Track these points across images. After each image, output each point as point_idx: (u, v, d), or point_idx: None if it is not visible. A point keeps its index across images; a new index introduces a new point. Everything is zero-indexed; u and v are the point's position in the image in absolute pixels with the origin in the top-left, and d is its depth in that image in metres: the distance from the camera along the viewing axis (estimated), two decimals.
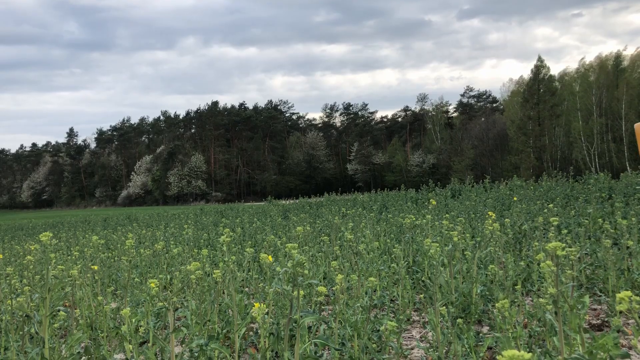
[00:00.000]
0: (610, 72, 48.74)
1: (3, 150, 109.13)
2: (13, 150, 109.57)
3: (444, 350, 2.54)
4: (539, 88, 51.31)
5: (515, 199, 7.84)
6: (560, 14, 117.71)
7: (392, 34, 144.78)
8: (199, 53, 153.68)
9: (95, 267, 4.11)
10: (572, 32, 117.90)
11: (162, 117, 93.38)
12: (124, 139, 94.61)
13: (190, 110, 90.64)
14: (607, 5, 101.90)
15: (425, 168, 64.14)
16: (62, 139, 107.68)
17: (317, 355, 2.48)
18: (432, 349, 2.52)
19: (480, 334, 2.95)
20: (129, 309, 2.68)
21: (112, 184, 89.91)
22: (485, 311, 3.44)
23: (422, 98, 77.86)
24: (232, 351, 2.51)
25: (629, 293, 1.41)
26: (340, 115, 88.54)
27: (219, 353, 2.31)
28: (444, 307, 2.62)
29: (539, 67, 51.93)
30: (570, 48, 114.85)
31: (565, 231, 4.23)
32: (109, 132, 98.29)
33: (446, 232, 5.17)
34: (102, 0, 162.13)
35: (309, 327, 2.83)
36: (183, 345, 3.01)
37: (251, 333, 3.26)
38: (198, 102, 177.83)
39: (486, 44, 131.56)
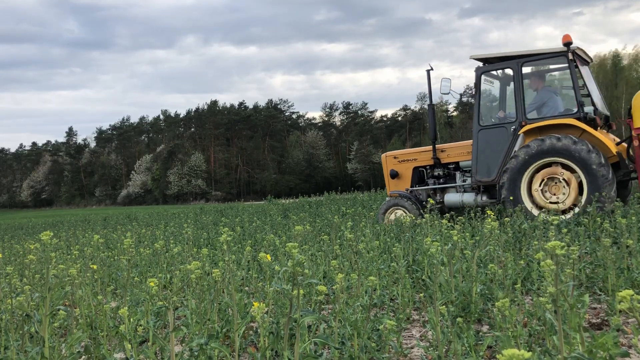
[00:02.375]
0: (609, 71, 48.70)
1: (3, 149, 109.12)
2: (13, 150, 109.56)
3: (444, 349, 2.54)
4: None
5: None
6: (561, 12, 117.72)
7: (393, 32, 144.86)
8: (199, 52, 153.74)
9: (95, 267, 4.11)
10: (573, 31, 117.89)
11: (161, 116, 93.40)
12: (124, 138, 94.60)
13: (190, 110, 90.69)
14: (608, 4, 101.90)
15: None
16: (62, 138, 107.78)
17: (317, 354, 2.47)
18: (431, 348, 2.52)
19: (480, 333, 2.95)
20: (127, 308, 2.68)
21: (111, 183, 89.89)
22: (485, 310, 3.44)
23: (422, 97, 77.76)
24: (232, 350, 2.51)
25: (630, 292, 1.41)
26: (340, 114, 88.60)
27: (219, 352, 2.31)
28: (444, 306, 2.63)
29: None
30: None
31: (565, 230, 4.23)
32: (109, 131, 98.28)
33: (446, 231, 5.17)
34: None
35: (309, 326, 2.83)
36: (183, 344, 3.02)
37: (251, 332, 3.26)
38: (198, 101, 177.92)
39: (487, 42, 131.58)
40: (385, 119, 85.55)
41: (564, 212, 7.05)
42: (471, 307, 3.30)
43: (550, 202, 7.27)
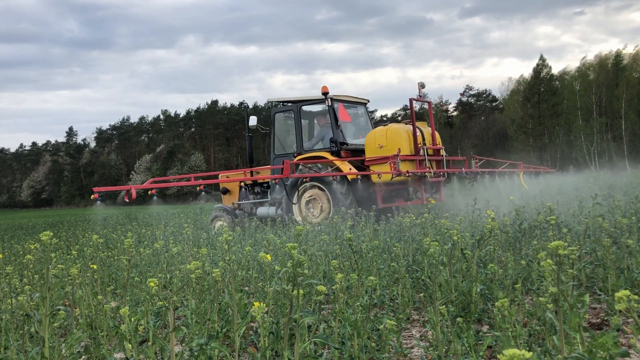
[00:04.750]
0: (610, 71, 48.69)
1: (3, 149, 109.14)
2: (13, 149, 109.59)
3: (444, 349, 2.54)
4: (539, 87, 51.27)
5: (511, 197, 7.83)
6: (562, 12, 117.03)
7: (394, 32, 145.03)
8: (199, 51, 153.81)
9: (95, 266, 4.11)
10: (574, 31, 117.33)
11: (161, 116, 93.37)
12: (124, 138, 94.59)
13: (190, 109, 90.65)
14: (609, 3, 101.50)
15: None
16: (62, 138, 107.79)
17: (317, 354, 2.48)
18: (431, 348, 2.52)
19: (480, 333, 2.95)
20: (127, 308, 2.68)
21: (112, 183, 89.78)
22: (485, 310, 3.44)
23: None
24: (232, 350, 2.51)
25: (627, 292, 1.41)
26: None
27: (219, 352, 2.31)
28: (444, 306, 2.63)
29: (540, 66, 51.92)
30: (572, 46, 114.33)
31: (565, 230, 4.23)
32: (109, 131, 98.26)
33: (445, 231, 5.17)
34: None
35: (309, 326, 2.83)
36: (183, 344, 3.01)
37: (251, 332, 3.26)
38: (198, 101, 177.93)
39: (488, 42, 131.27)
40: (385, 119, 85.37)
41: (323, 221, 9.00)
42: (471, 307, 3.30)
43: (308, 214, 9.67)
